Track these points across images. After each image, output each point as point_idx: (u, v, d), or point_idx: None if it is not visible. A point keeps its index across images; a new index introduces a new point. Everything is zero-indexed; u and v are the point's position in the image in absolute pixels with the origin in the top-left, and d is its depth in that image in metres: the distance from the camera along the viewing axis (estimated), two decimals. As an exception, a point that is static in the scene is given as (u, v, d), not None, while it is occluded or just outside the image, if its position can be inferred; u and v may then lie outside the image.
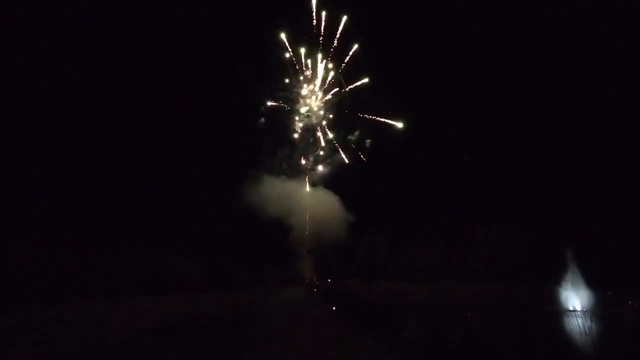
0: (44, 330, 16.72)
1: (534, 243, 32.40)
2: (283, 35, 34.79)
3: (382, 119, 35.79)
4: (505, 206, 34.27)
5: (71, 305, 26.54)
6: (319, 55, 35.49)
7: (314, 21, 34.80)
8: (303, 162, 38.83)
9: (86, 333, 16.21)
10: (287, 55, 35.22)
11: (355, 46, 34.49)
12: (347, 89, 35.75)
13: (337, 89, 36.05)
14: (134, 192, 34.53)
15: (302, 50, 35.39)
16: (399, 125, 35.30)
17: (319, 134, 37.57)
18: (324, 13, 34.67)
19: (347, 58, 35.11)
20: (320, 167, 38.82)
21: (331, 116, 37.20)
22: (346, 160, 37.98)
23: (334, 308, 24.78)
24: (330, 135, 37.37)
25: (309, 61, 35.81)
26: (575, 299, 22.83)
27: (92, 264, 33.47)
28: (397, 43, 32.68)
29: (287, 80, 35.66)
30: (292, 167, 38.53)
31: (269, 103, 35.90)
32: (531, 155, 33.68)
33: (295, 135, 37.33)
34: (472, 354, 10.23)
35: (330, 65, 35.89)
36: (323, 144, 37.93)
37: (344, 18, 34.26)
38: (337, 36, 34.98)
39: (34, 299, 27.36)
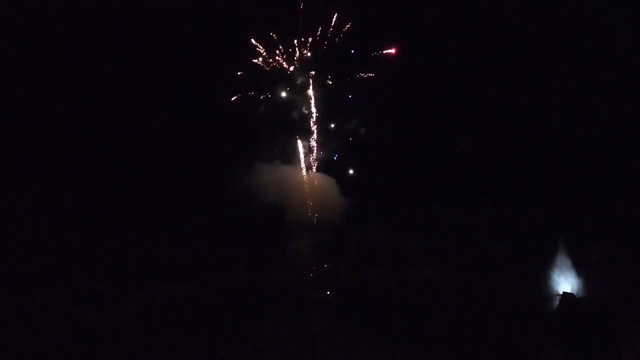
0: (53, 314, 17.05)
1: (528, 230, 32.80)
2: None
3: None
4: (500, 193, 34.60)
5: (76, 290, 26.96)
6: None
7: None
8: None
9: (90, 316, 16.54)
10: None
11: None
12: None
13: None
14: (128, 181, 34.67)
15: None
16: None
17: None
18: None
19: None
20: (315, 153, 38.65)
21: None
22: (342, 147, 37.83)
23: (327, 292, 25.26)
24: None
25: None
26: (565, 283, 23.34)
27: (88, 252, 33.80)
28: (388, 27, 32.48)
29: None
30: (286, 152, 38.37)
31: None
32: (526, 143, 33.86)
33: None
34: (454, 338, 10.52)
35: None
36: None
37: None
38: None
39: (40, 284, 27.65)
